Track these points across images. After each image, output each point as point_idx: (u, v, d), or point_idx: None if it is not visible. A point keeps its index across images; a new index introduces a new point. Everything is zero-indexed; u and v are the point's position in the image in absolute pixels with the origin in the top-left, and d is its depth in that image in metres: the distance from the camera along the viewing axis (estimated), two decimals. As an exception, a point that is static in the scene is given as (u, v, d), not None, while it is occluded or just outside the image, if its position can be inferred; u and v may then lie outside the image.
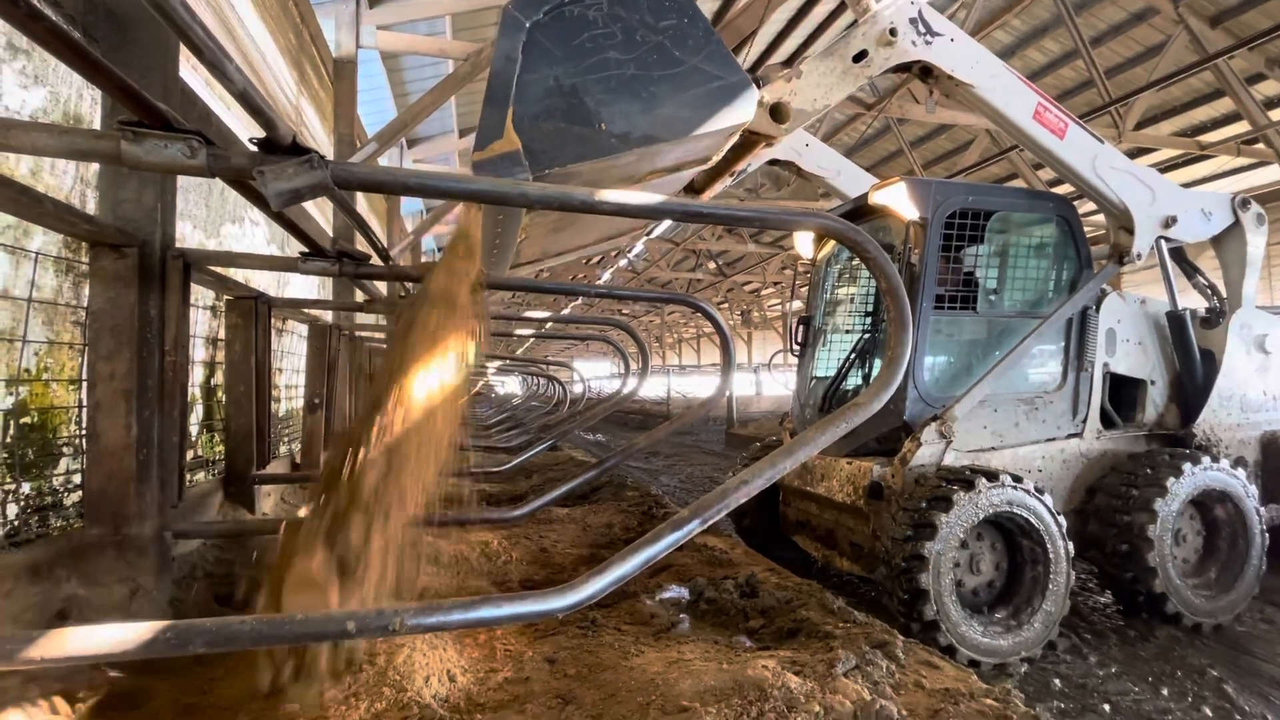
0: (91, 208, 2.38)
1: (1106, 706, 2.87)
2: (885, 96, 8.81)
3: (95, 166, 2.39)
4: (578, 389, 12.76)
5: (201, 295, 3.59)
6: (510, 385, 27.54)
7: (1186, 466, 3.70)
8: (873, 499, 3.65)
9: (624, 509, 4.91)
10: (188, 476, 3.38)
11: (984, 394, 3.77)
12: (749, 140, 3.44)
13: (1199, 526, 3.94)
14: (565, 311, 20.42)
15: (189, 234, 3.49)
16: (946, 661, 2.40)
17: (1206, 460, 3.78)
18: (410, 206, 13.86)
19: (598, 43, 1.61)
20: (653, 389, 27.03)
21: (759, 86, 3.39)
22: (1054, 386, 4.06)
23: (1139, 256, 4.15)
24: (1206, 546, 3.95)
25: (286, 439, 5.35)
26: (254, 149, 1.41)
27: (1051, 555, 3.30)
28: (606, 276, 20.86)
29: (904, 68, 3.61)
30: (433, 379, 1.74)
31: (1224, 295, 4.56)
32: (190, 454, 3.57)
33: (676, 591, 3.08)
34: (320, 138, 7.26)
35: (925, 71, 3.65)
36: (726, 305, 28.57)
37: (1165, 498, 3.60)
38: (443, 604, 1.48)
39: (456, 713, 1.87)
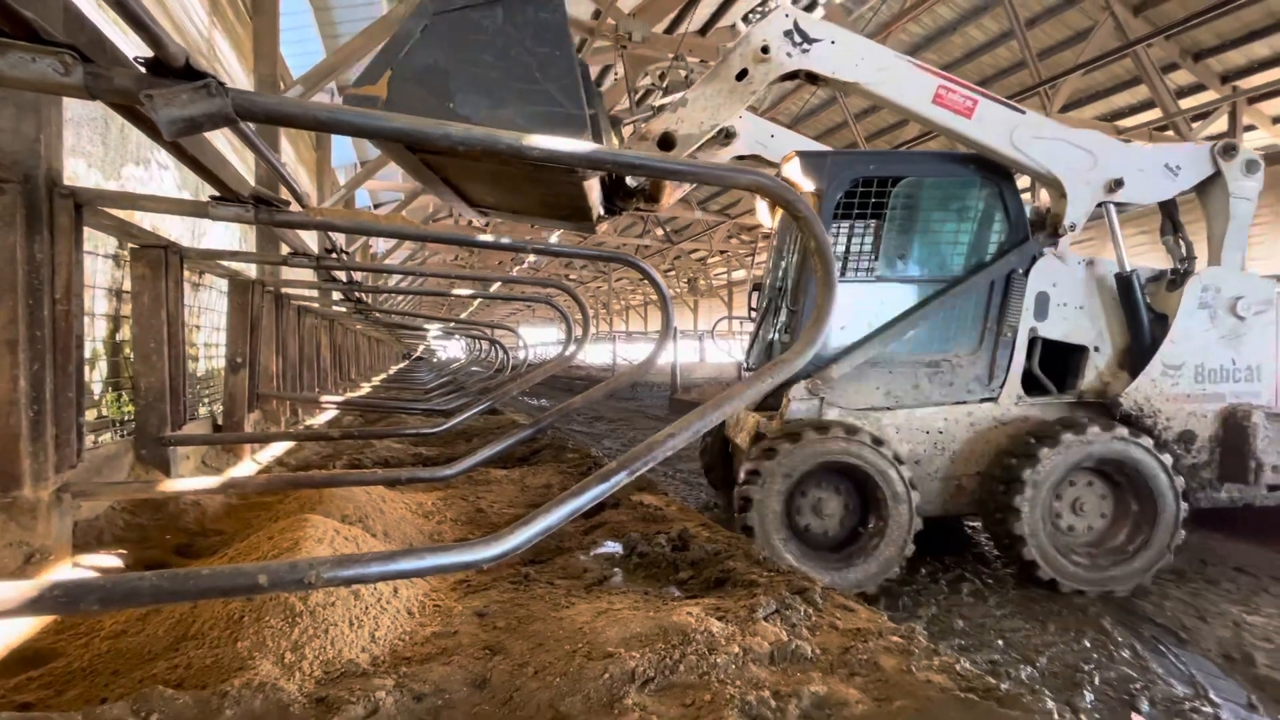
0: (-40, 136, 2.13)
1: (1000, 641, 3.15)
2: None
3: (-37, 90, 2.13)
4: (521, 354, 12.57)
5: (102, 243, 3.32)
6: (453, 350, 26.94)
7: (1066, 436, 3.69)
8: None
9: (563, 470, 4.93)
10: (91, 437, 3.17)
11: (870, 356, 3.99)
12: (655, 184, 3.67)
13: (1103, 492, 3.93)
14: (513, 274, 20.05)
15: (83, 173, 3.20)
16: (860, 605, 2.55)
17: (1096, 429, 3.70)
18: (342, 157, 13.10)
19: (481, 45, 2.00)
20: (599, 355, 27.02)
21: (641, 134, 3.63)
22: (966, 350, 4.13)
23: (1073, 227, 3.99)
24: (1117, 515, 3.92)
25: (208, 399, 5.07)
26: (142, 70, 1.29)
27: (889, 497, 3.71)
28: (554, 239, 20.52)
29: (791, 76, 3.68)
30: None
31: (1192, 255, 4.17)
32: (94, 413, 3.34)
33: (610, 547, 3.14)
34: (239, 77, 6.71)
35: (811, 76, 3.68)
36: (674, 272, 28.64)
37: (1035, 468, 3.67)
38: (360, 556, 1.45)
39: (379, 667, 1.86)
